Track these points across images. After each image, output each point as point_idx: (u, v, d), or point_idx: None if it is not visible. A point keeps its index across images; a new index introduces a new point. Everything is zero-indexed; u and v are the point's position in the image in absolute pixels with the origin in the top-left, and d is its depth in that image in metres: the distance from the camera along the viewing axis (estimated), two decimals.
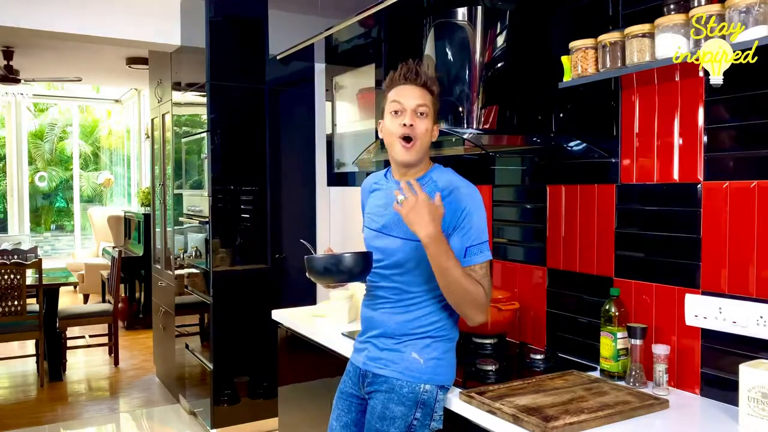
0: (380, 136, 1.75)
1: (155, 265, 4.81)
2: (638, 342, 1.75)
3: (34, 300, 4.77)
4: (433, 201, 1.52)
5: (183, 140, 3.99)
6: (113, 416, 4.14)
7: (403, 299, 1.69)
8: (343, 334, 2.30)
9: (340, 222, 3.81)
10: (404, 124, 1.64)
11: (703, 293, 1.68)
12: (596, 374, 1.86)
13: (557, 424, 1.43)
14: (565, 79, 1.89)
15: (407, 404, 1.63)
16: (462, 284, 1.55)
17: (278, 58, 3.13)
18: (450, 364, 1.70)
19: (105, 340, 5.56)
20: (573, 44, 1.85)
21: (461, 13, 2.07)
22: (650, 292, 1.83)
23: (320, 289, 3.70)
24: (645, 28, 1.64)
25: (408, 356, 1.66)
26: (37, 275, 4.71)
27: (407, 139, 1.64)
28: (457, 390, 1.70)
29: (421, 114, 1.65)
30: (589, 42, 1.81)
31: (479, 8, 2.05)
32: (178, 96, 4.11)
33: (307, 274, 1.69)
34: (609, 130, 1.95)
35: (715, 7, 1.49)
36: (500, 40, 2.08)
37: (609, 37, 1.74)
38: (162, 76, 4.43)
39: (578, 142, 2.03)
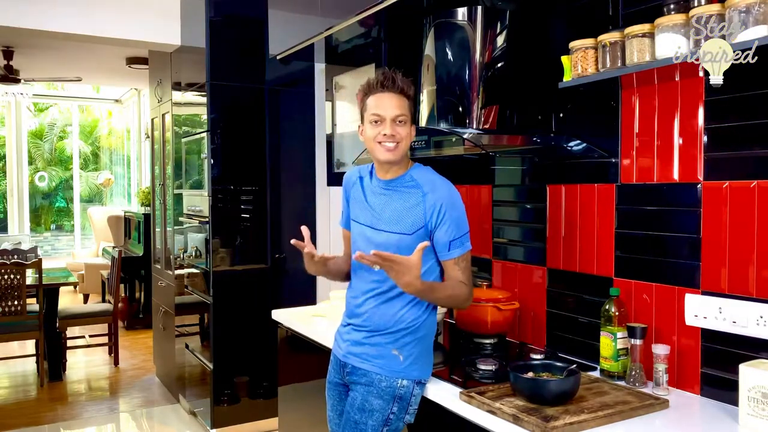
0: (361, 139, 1.80)
1: (155, 265, 4.81)
2: (638, 342, 1.75)
3: (34, 300, 4.76)
4: (410, 258, 1.57)
5: (183, 140, 3.99)
6: (113, 416, 4.14)
7: (388, 291, 1.74)
8: None
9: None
10: (385, 134, 1.70)
11: (703, 293, 1.68)
12: (596, 374, 1.86)
13: (557, 424, 1.43)
14: (565, 79, 1.89)
15: (385, 398, 1.71)
16: (447, 296, 1.72)
17: (278, 58, 3.13)
18: (428, 360, 1.79)
19: (105, 340, 5.56)
20: (573, 44, 1.85)
21: (461, 13, 2.07)
22: (650, 292, 1.83)
23: (320, 288, 3.71)
24: (645, 28, 1.64)
25: (388, 352, 1.72)
26: (37, 275, 4.71)
27: (389, 142, 1.71)
28: (457, 390, 1.70)
29: (400, 122, 1.71)
30: (589, 42, 1.81)
31: (479, 8, 2.05)
32: (178, 96, 4.11)
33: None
34: (609, 130, 1.95)
35: (715, 7, 1.49)
36: (500, 40, 2.09)
37: (609, 37, 1.74)
38: (162, 76, 4.42)
39: (578, 142, 2.03)
